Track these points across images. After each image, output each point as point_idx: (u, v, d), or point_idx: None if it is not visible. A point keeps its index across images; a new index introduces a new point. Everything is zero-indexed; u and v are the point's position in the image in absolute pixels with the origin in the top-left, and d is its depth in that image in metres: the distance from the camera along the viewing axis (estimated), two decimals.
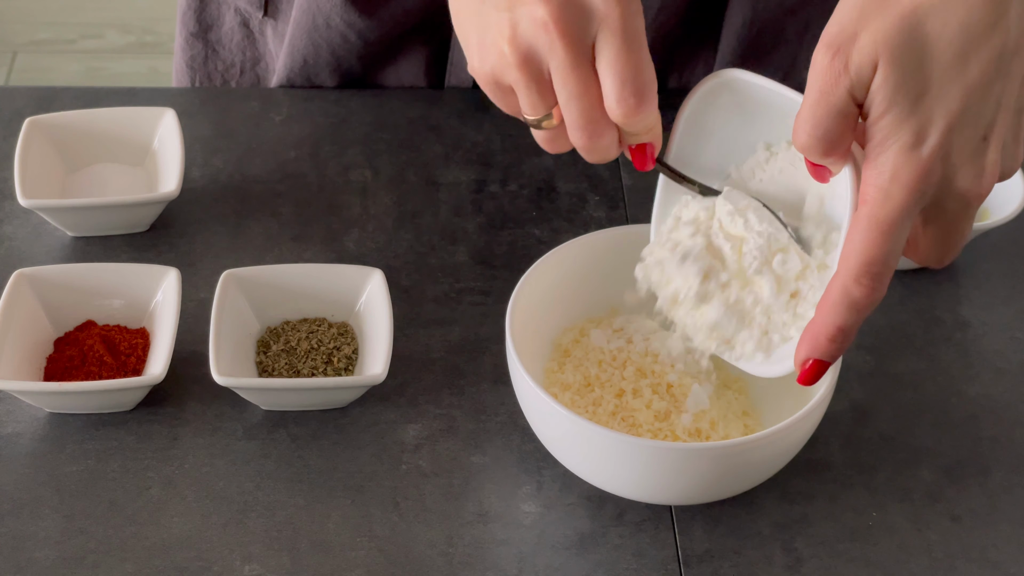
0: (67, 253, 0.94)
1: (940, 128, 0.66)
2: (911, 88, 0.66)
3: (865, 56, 0.66)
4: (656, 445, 0.74)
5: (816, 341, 0.71)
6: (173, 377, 0.85)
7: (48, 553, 0.77)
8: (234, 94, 1.07)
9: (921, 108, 0.67)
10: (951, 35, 0.66)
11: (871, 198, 0.68)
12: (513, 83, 0.72)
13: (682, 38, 1.05)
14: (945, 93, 0.66)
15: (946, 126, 0.66)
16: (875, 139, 0.67)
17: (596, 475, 0.78)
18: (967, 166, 0.68)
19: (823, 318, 0.71)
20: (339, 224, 0.96)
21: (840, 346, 0.71)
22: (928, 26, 0.66)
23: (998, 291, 0.93)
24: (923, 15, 0.66)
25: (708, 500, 0.79)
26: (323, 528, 0.79)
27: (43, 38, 2.61)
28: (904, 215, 0.67)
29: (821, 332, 0.71)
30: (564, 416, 0.75)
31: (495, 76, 0.72)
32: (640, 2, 0.71)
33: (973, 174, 0.68)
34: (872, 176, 0.68)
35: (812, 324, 0.71)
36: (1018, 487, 0.82)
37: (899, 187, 0.67)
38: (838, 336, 0.71)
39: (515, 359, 0.77)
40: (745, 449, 0.74)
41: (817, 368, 0.72)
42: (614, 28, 0.70)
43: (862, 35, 0.67)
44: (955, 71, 0.66)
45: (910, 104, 0.67)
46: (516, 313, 0.80)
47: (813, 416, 0.76)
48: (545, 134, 0.74)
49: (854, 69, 0.67)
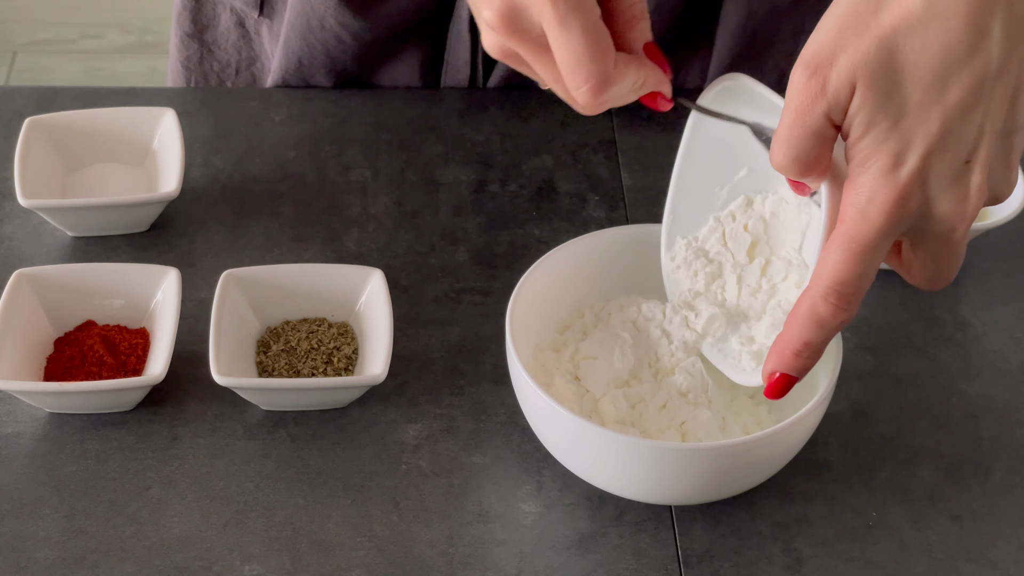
0: (67, 253, 0.94)
1: (919, 152, 0.65)
2: (890, 111, 0.65)
3: (843, 78, 0.65)
4: (656, 445, 0.74)
5: (782, 355, 0.71)
6: (173, 377, 0.85)
7: (48, 553, 0.77)
8: (234, 94, 1.07)
9: (900, 131, 0.66)
10: (930, 58, 0.65)
11: (848, 218, 0.67)
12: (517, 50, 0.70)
13: (677, 39, 1.05)
14: (925, 116, 0.65)
15: (925, 150, 0.65)
16: (855, 160, 0.67)
17: (596, 475, 0.78)
18: (949, 190, 0.66)
19: (790, 332, 0.70)
20: (339, 224, 0.96)
21: (806, 361, 0.71)
22: (907, 48, 0.65)
23: (998, 291, 0.93)
24: (902, 37, 0.65)
25: (708, 500, 0.79)
26: (323, 528, 0.79)
27: (43, 38, 2.61)
28: (880, 238, 0.67)
29: (787, 346, 0.71)
30: (565, 417, 0.75)
31: (499, 50, 0.70)
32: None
33: (956, 198, 0.67)
34: (851, 196, 0.67)
35: (780, 337, 0.71)
36: (1018, 487, 0.82)
37: (876, 210, 0.66)
38: (804, 351, 0.70)
39: (515, 359, 0.77)
40: (745, 449, 0.74)
41: (783, 382, 0.72)
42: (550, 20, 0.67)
43: (840, 56, 0.66)
44: (935, 94, 0.65)
45: (889, 126, 0.66)
46: (516, 313, 0.80)
47: (813, 416, 0.76)
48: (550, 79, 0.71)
49: (831, 91, 0.66)
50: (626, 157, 1.01)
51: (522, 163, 1.01)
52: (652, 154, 1.01)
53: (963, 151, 0.66)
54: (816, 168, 0.69)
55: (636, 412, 0.79)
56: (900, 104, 0.65)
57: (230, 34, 1.10)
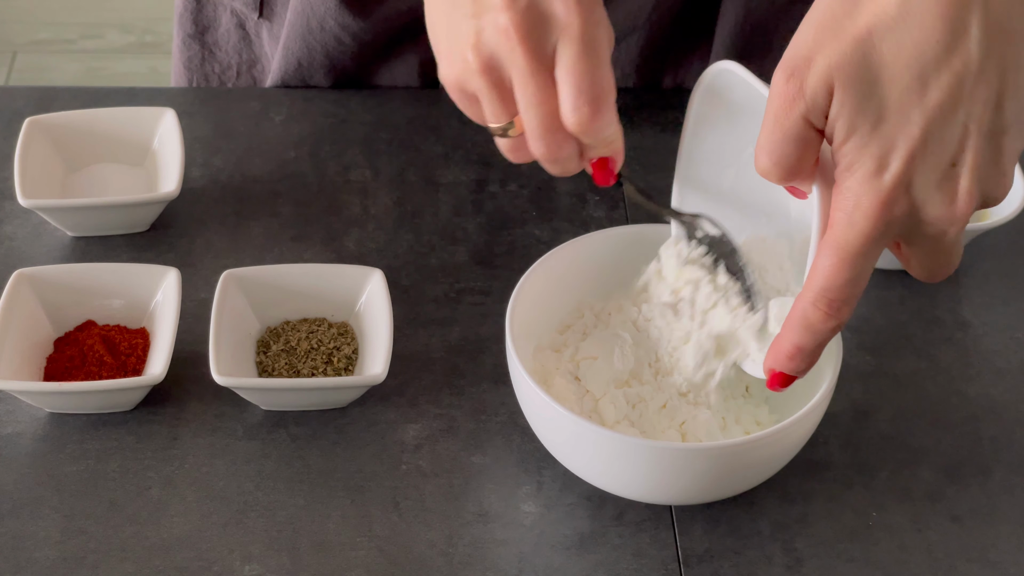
0: (67, 253, 0.94)
1: (902, 155, 0.65)
2: (869, 113, 0.65)
3: (819, 81, 0.65)
4: (655, 445, 0.74)
5: (778, 356, 0.71)
6: (173, 377, 0.85)
7: (48, 553, 0.77)
8: (234, 94, 1.08)
9: (881, 134, 0.65)
10: (907, 58, 0.64)
11: (836, 223, 0.67)
12: (476, 90, 0.72)
13: (676, 37, 1.05)
14: (905, 119, 0.65)
15: (908, 153, 0.65)
16: (841, 165, 0.66)
17: (597, 475, 0.78)
18: (936, 193, 0.66)
19: (784, 335, 0.71)
20: (339, 224, 0.96)
21: (799, 364, 0.71)
22: (883, 49, 0.64)
23: (998, 291, 0.93)
24: (878, 38, 0.64)
25: (708, 500, 0.79)
26: (323, 528, 0.79)
27: (43, 38, 2.61)
28: (867, 243, 0.66)
29: (782, 349, 0.71)
30: (565, 417, 0.75)
31: (460, 83, 0.72)
32: (604, 13, 0.70)
33: (944, 201, 0.66)
34: (838, 201, 0.67)
35: (777, 338, 0.72)
36: (1018, 487, 0.82)
37: (862, 215, 0.66)
38: (796, 354, 0.71)
39: (515, 360, 0.77)
40: (745, 449, 0.74)
41: (782, 379, 0.72)
42: (573, 36, 0.69)
43: (817, 59, 0.65)
44: (914, 95, 0.64)
45: (869, 129, 0.65)
46: (516, 313, 0.80)
47: (813, 416, 0.76)
48: (508, 143, 0.74)
49: (809, 94, 0.65)
50: (626, 157, 1.01)
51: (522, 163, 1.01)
52: (652, 154, 1.01)
53: (947, 153, 0.65)
54: (800, 172, 0.68)
55: (636, 412, 0.79)
56: (879, 106, 0.65)
57: (231, 36, 1.10)
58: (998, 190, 0.68)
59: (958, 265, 0.71)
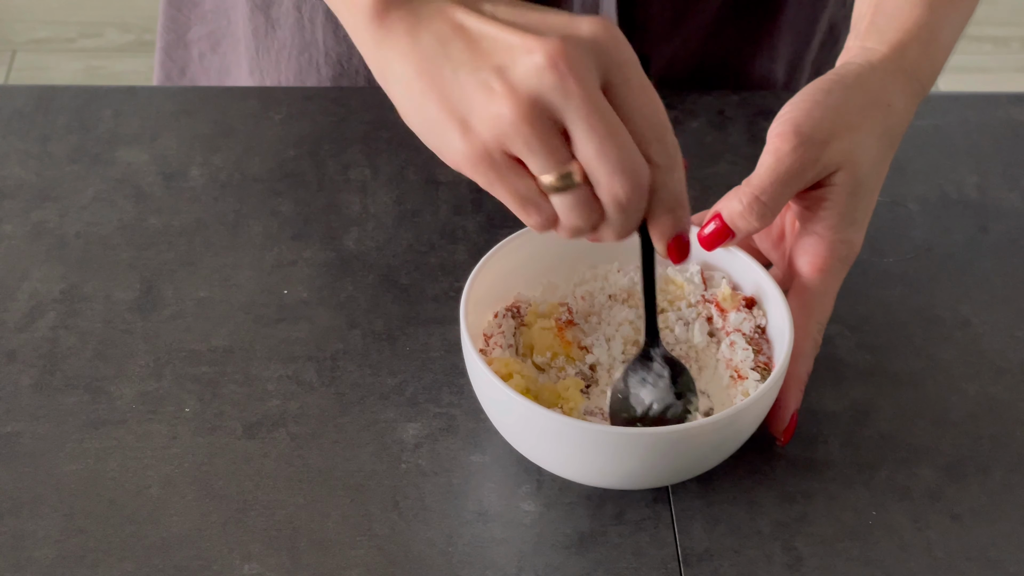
0: (67, 252, 0.93)
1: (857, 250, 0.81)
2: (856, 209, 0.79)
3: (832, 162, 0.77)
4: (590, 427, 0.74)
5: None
6: (173, 376, 0.85)
7: (47, 552, 0.77)
8: (234, 93, 1.07)
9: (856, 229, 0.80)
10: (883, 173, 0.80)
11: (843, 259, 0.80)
12: (522, 145, 0.63)
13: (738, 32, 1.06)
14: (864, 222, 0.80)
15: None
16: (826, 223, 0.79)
17: (540, 456, 0.78)
18: None
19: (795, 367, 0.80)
20: (339, 223, 0.96)
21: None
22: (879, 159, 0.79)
23: (998, 290, 0.93)
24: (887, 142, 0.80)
25: (676, 480, 0.78)
26: (323, 527, 0.79)
27: (42, 37, 2.61)
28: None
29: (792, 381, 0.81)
30: (518, 403, 0.74)
31: (495, 148, 0.64)
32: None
33: None
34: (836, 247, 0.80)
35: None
36: (1018, 486, 0.82)
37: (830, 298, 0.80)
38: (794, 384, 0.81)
39: (471, 349, 0.77)
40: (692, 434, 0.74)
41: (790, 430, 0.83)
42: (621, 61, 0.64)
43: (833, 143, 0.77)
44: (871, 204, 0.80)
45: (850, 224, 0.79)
46: (471, 301, 0.80)
47: (762, 405, 0.76)
48: (571, 198, 0.65)
49: (820, 168, 0.77)
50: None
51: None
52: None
53: None
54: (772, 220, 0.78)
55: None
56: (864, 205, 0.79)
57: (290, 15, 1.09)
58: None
59: None
